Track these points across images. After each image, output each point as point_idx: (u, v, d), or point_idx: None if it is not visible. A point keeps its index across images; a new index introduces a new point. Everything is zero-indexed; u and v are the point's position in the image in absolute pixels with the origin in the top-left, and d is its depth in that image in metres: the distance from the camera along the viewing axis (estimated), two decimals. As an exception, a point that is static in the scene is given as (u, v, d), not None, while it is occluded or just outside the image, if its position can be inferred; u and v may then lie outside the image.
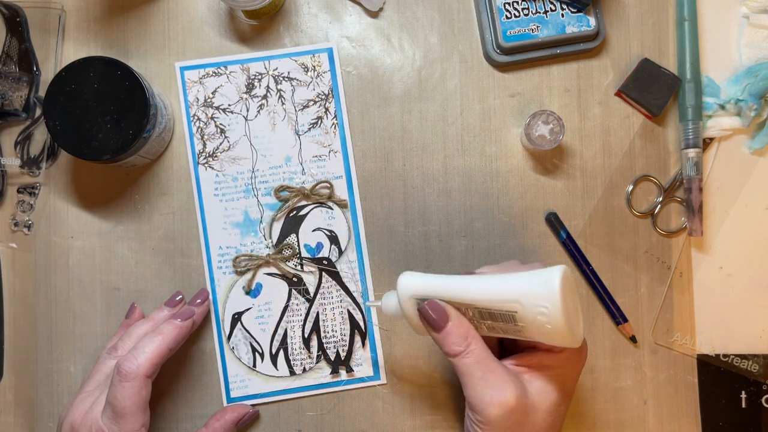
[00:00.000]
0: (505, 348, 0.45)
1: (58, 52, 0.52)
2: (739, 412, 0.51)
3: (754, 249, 0.52)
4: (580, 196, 0.52)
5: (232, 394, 0.51)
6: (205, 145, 0.51)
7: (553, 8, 0.50)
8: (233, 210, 0.51)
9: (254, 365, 0.51)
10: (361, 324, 0.51)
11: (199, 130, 0.51)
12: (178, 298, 0.49)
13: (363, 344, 0.51)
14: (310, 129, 0.51)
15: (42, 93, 0.51)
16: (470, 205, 0.52)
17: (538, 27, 0.50)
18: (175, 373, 0.51)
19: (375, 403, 0.51)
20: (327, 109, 0.51)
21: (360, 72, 0.52)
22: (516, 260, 0.45)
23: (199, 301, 0.49)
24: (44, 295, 0.51)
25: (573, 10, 0.50)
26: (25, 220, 0.51)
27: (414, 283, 0.40)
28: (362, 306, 0.51)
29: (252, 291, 0.51)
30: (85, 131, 0.45)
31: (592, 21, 0.50)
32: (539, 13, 0.50)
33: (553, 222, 0.51)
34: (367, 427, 0.51)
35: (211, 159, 0.51)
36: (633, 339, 0.51)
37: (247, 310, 0.51)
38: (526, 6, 0.50)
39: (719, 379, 0.51)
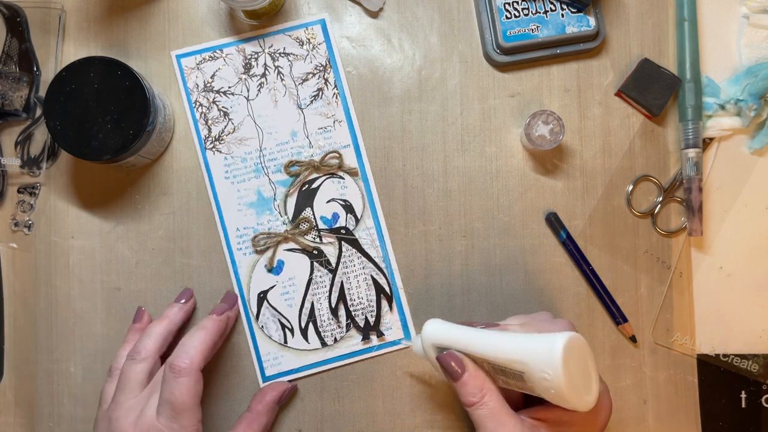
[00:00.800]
0: (529, 396, 0.45)
1: (59, 52, 0.52)
2: (739, 412, 0.51)
3: (754, 249, 0.52)
4: (580, 196, 0.52)
5: (267, 373, 0.51)
6: (210, 129, 0.51)
7: (553, 8, 0.50)
8: (246, 191, 0.51)
9: (285, 341, 0.51)
10: (386, 288, 0.51)
11: (203, 115, 0.51)
12: (183, 299, 0.49)
13: (390, 308, 0.51)
14: (312, 102, 0.51)
15: (42, 93, 0.51)
16: (470, 205, 0.52)
17: (538, 27, 0.50)
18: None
19: (375, 403, 0.51)
20: (326, 80, 0.51)
21: (360, 72, 0.52)
22: (546, 312, 0.45)
23: (226, 305, 0.49)
24: (44, 295, 0.51)
25: (573, 10, 0.50)
26: (26, 220, 0.51)
27: (436, 333, 0.42)
28: (385, 271, 0.51)
29: (274, 268, 0.51)
30: (86, 131, 0.45)
31: (592, 21, 0.50)
32: (539, 13, 0.50)
33: (553, 222, 0.51)
34: (366, 427, 0.51)
35: (217, 143, 0.51)
36: (633, 339, 0.51)
37: (272, 287, 0.51)
38: (526, 6, 0.50)
39: (719, 379, 0.51)
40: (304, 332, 0.51)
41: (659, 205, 0.52)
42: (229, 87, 0.51)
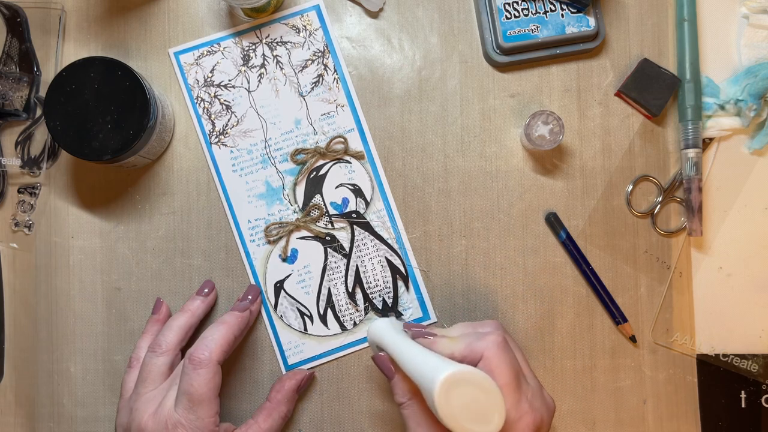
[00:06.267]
0: None
1: (59, 53, 0.52)
2: (739, 411, 0.51)
3: (754, 249, 0.52)
4: (580, 196, 0.52)
5: (289, 361, 0.51)
6: (214, 124, 0.51)
7: (553, 8, 0.50)
8: (254, 182, 0.51)
9: (305, 329, 0.51)
10: (401, 268, 0.51)
11: (205, 110, 0.51)
12: (206, 290, 0.50)
13: (407, 288, 0.51)
14: (313, 88, 0.51)
15: (42, 93, 0.51)
16: (470, 205, 0.52)
17: (537, 27, 0.50)
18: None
19: (375, 403, 0.51)
20: (326, 66, 0.51)
21: (360, 72, 0.52)
22: (492, 322, 0.44)
23: (250, 297, 0.49)
24: (45, 295, 0.51)
25: (573, 10, 0.50)
26: (26, 220, 0.52)
27: (374, 335, 0.45)
28: (399, 251, 0.51)
29: (288, 257, 0.51)
30: (86, 131, 0.45)
31: (592, 21, 0.50)
32: (539, 13, 0.50)
33: (553, 222, 0.51)
34: (366, 427, 0.51)
35: (222, 137, 0.51)
36: (633, 339, 0.51)
37: (288, 276, 0.51)
38: (526, 6, 0.50)
39: (719, 378, 0.51)
40: (323, 318, 0.51)
41: (659, 205, 0.52)
42: (230, 80, 0.52)
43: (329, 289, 0.51)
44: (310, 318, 0.51)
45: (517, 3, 0.50)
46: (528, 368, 0.42)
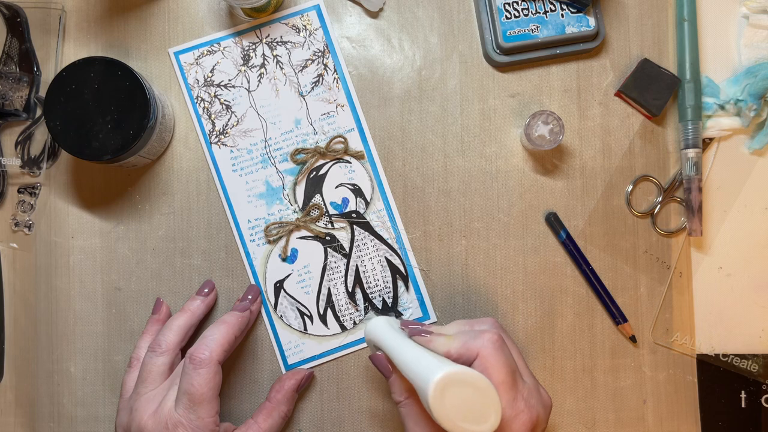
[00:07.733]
0: None
1: (59, 53, 0.52)
2: (739, 411, 0.51)
3: (754, 249, 0.52)
4: (580, 196, 0.52)
5: (289, 361, 0.51)
6: (214, 124, 0.51)
7: (553, 8, 0.50)
8: (254, 182, 0.51)
9: (305, 329, 0.51)
10: (401, 268, 0.51)
11: (205, 110, 0.51)
12: (206, 290, 0.50)
13: (407, 288, 0.51)
14: (313, 88, 0.52)
15: (42, 93, 0.51)
16: (470, 205, 0.52)
17: (537, 27, 0.50)
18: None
19: (375, 403, 0.51)
20: (326, 66, 0.52)
21: (360, 72, 0.52)
22: (489, 319, 0.44)
23: (250, 297, 0.50)
24: (45, 295, 0.51)
25: (573, 10, 0.50)
26: (26, 220, 0.52)
27: (372, 333, 0.45)
28: (399, 251, 0.51)
29: (288, 257, 0.51)
30: (86, 131, 0.45)
31: (592, 21, 0.50)
32: (539, 13, 0.50)
33: (553, 222, 0.51)
34: (366, 427, 0.51)
35: (222, 136, 0.51)
36: (633, 339, 0.51)
37: (288, 276, 0.51)
38: (526, 6, 0.50)
39: (719, 378, 0.51)
40: (323, 318, 0.51)
41: (659, 205, 0.52)
42: (230, 80, 0.52)
43: (329, 288, 0.51)
44: (310, 318, 0.51)
45: (517, 3, 0.50)
46: (524, 365, 0.42)
